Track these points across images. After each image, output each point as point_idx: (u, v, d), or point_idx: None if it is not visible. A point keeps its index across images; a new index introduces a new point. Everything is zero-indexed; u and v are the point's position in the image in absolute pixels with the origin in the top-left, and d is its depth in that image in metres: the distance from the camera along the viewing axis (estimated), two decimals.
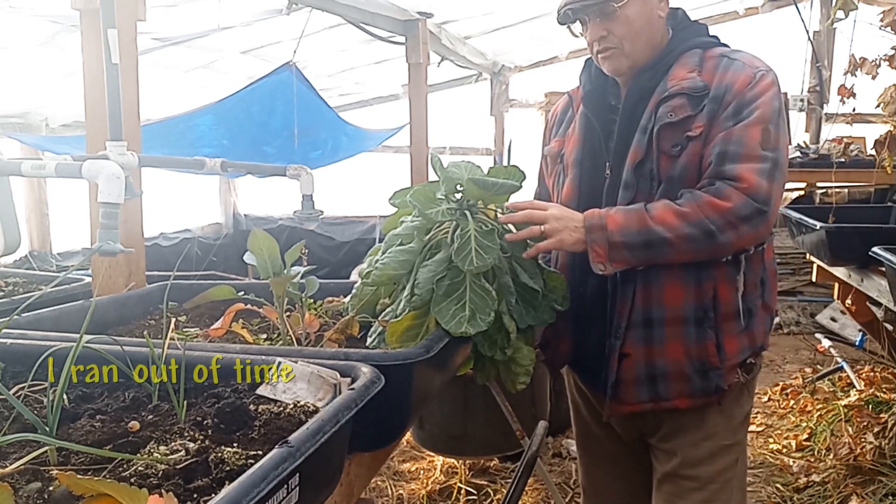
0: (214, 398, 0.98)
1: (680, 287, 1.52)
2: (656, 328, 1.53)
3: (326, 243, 6.31)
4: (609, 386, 1.59)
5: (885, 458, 2.95)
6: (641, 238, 1.45)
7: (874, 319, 3.78)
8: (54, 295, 1.81)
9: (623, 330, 1.55)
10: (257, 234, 1.42)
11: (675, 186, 1.49)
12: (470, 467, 3.30)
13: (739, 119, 1.46)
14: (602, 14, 1.54)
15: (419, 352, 1.14)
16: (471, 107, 6.53)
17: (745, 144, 1.44)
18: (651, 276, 1.52)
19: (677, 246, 1.44)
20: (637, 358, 1.56)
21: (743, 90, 1.48)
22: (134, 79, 1.88)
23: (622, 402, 1.60)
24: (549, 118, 1.89)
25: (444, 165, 1.43)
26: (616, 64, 1.58)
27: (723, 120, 1.47)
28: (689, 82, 1.51)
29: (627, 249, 1.45)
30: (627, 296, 1.54)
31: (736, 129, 1.45)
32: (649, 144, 1.51)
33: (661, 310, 1.53)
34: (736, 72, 1.50)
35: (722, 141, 1.46)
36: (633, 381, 1.57)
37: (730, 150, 1.45)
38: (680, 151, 1.49)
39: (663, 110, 1.51)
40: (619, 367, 1.57)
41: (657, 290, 1.52)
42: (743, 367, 1.58)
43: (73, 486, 0.67)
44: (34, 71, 3.86)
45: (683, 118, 1.49)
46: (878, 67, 3.42)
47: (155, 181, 3.28)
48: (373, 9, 3.53)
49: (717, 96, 1.49)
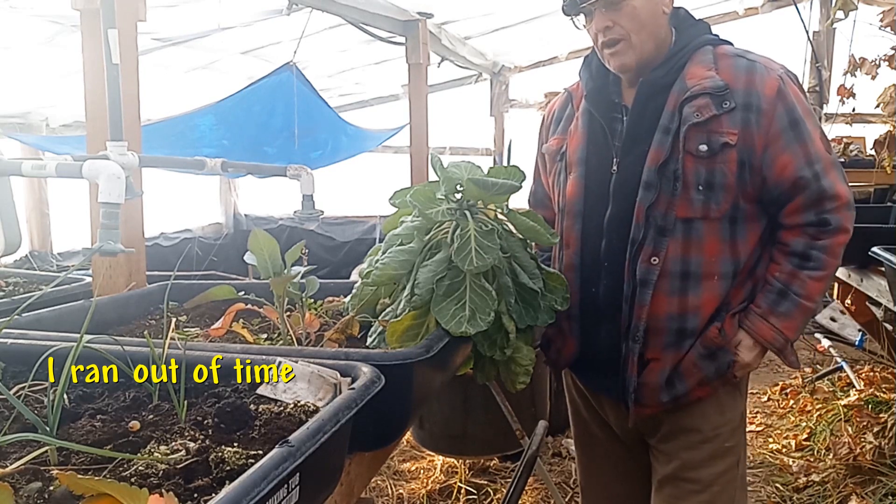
0: (215, 398, 0.99)
1: (717, 296, 1.55)
2: (689, 337, 1.55)
3: (326, 243, 6.31)
4: (631, 391, 1.59)
5: (885, 457, 2.95)
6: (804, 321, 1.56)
7: (874, 319, 3.78)
8: (55, 295, 1.81)
9: (643, 334, 1.55)
10: (258, 234, 1.42)
11: (716, 193, 1.50)
12: (470, 467, 3.30)
13: (799, 132, 1.50)
14: (607, 4, 1.52)
15: (419, 352, 1.14)
16: (471, 107, 6.53)
17: (822, 158, 1.50)
18: (687, 285, 1.53)
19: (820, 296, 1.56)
20: (664, 363, 1.56)
21: (777, 98, 1.49)
22: (134, 79, 1.88)
23: (644, 405, 1.60)
24: (545, 116, 1.88)
25: (444, 165, 1.43)
26: (623, 59, 1.56)
27: (774, 135, 1.49)
28: (711, 81, 1.50)
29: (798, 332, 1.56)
30: (646, 299, 1.53)
31: (810, 147, 1.50)
32: (674, 145, 1.51)
33: (696, 319, 1.54)
34: (762, 77, 1.51)
35: (806, 163, 1.50)
36: (655, 385, 1.58)
37: (816, 169, 1.50)
38: (709, 153, 1.49)
39: (688, 110, 1.50)
40: (640, 371, 1.57)
41: (695, 298, 1.53)
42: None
43: (74, 485, 0.67)
44: (34, 71, 3.87)
45: (709, 118, 1.49)
46: (877, 67, 3.43)
47: (155, 181, 3.29)
48: (373, 9, 3.53)
49: (749, 104, 1.49)
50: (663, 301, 1.53)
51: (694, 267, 1.52)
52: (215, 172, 2.16)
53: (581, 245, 1.65)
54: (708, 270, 1.52)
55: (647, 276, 1.53)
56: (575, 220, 1.66)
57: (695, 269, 1.52)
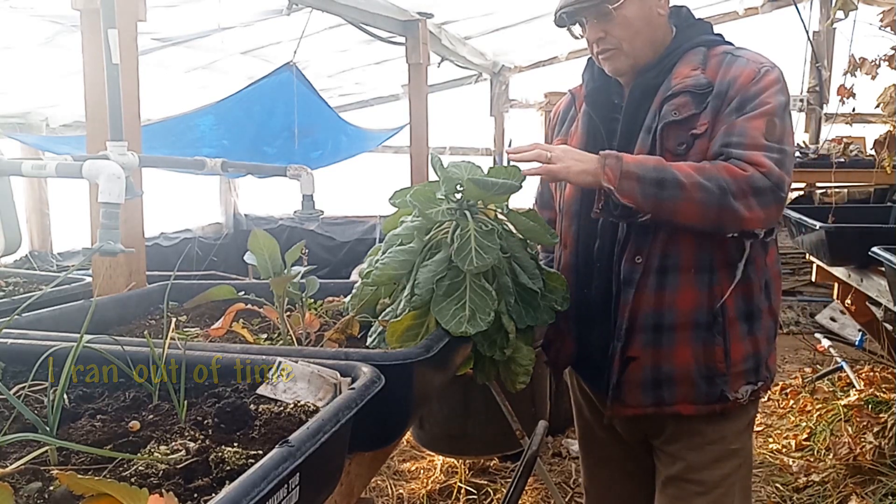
0: (215, 398, 0.99)
1: (694, 291, 1.52)
2: (666, 332, 1.53)
3: (326, 243, 6.31)
4: (611, 388, 1.59)
5: (885, 457, 2.95)
6: (656, 174, 1.39)
7: (874, 319, 3.78)
8: (55, 295, 1.80)
9: (624, 332, 1.55)
10: (258, 234, 1.42)
11: None
12: (470, 467, 3.30)
13: (743, 112, 1.44)
14: (598, 15, 1.53)
15: (419, 352, 1.14)
16: (471, 107, 6.53)
17: (748, 135, 1.42)
18: (665, 280, 1.52)
19: (689, 193, 1.38)
20: (644, 362, 1.55)
21: (747, 84, 1.46)
22: (134, 79, 1.88)
23: (624, 404, 1.60)
24: (551, 117, 1.89)
25: (444, 165, 1.43)
26: (616, 64, 1.58)
27: (726, 115, 1.46)
28: (693, 80, 1.50)
29: (639, 182, 1.39)
30: (629, 298, 1.53)
31: (738, 122, 1.43)
32: (654, 144, 1.51)
33: (672, 314, 1.52)
34: (740, 67, 1.50)
35: (724, 133, 1.44)
36: (637, 384, 1.57)
37: (733, 140, 1.42)
38: (686, 150, 1.49)
39: (667, 109, 1.50)
40: (622, 369, 1.57)
41: (671, 293, 1.52)
42: (751, 395, 1.59)
43: (74, 485, 0.67)
44: (34, 71, 3.86)
45: (688, 116, 1.48)
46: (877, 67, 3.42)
47: (155, 181, 3.28)
48: (373, 9, 3.53)
49: (721, 92, 1.48)
50: (643, 298, 1.53)
51: (672, 261, 1.52)
52: (215, 172, 2.16)
53: (577, 245, 1.66)
54: (685, 264, 1.51)
55: (631, 275, 1.53)
56: (572, 221, 1.67)
57: (672, 263, 1.52)
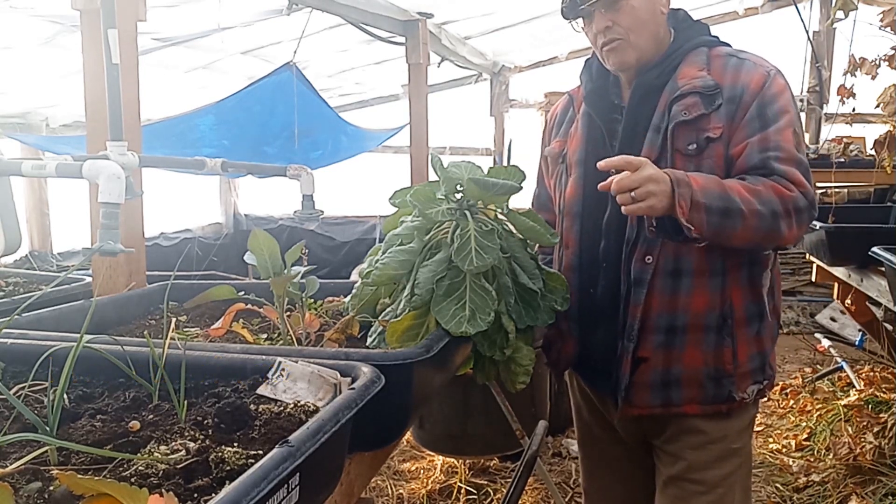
0: (215, 398, 0.99)
1: (707, 294, 1.52)
2: (679, 334, 1.54)
3: (326, 243, 6.31)
4: (622, 389, 1.59)
5: (885, 457, 2.95)
6: (721, 203, 1.39)
7: (874, 319, 3.78)
8: (55, 295, 1.80)
9: (637, 332, 1.55)
10: (258, 234, 1.42)
11: None
12: (470, 467, 3.30)
13: (767, 122, 1.47)
14: (607, 4, 1.53)
15: (419, 351, 1.14)
16: (471, 107, 6.53)
17: (784, 149, 1.45)
18: (679, 283, 1.52)
19: (748, 221, 1.40)
20: (655, 363, 1.56)
21: (760, 90, 1.49)
22: (134, 79, 1.88)
23: (633, 405, 1.60)
24: (548, 119, 1.88)
25: (444, 165, 1.43)
26: (623, 56, 1.57)
27: (747, 122, 1.48)
28: (701, 81, 1.51)
29: (707, 213, 1.38)
30: (640, 298, 1.53)
31: (772, 134, 1.46)
32: (664, 143, 1.52)
33: (686, 316, 1.53)
34: (749, 72, 1.51)
35: (760, 147, 1.46)
36: (646, 384, 1.57)
37: (771, 154, 1.45)
38: (697, 151, 1.49)
39: (677, 109, 1.51)
40: (633, 370, 1.57)
41: (685, 296, 1.52)
42: (757, 393, 1.60)
43: (74, 485, 0.67)
44: (34, 71, 3.87)
45: (697, 116, 1.50)
46: (877, 67, 3.42)
47: (155, 181, 3.28)
48: (373, 9, 3.53)
49: (734, 97, 1.49)
50: (656, 299, 1.53)
51: (685, 264, 1.52)
52: (215, 172, 2.16)
53: (580, 246, 1.66)
54: (699, 267, 1.52)
55: (642, 275, 1.53)
56: (574, 221, 1.66)
57: (686, 267, 1.52)
